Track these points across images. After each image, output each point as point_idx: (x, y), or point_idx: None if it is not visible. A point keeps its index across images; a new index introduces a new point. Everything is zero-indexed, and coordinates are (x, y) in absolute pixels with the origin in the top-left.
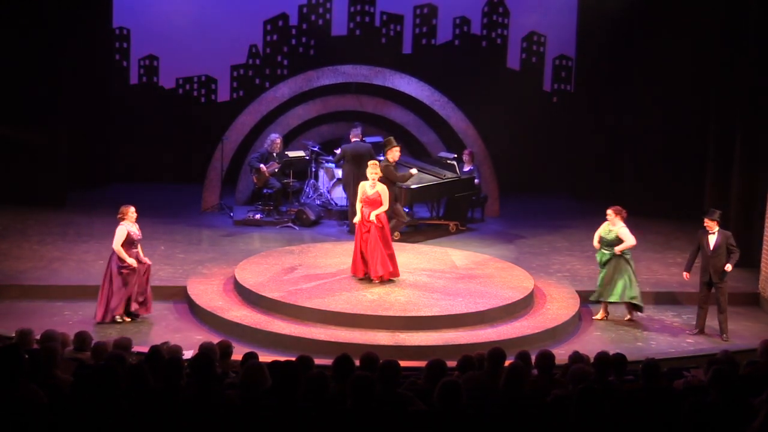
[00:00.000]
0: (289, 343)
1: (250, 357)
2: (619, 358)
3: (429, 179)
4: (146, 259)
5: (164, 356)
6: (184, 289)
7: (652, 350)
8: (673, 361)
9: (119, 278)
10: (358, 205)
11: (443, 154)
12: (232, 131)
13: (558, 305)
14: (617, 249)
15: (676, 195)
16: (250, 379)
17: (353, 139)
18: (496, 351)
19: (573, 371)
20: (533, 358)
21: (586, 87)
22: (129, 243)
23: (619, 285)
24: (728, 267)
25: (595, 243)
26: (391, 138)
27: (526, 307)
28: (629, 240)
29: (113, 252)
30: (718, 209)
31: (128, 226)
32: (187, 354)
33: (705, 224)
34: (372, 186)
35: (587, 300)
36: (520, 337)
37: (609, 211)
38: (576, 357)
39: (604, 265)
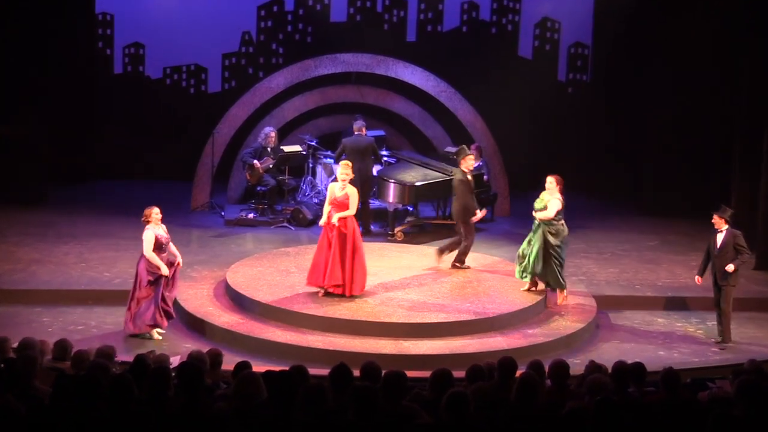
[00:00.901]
0: (284, 351)
1: (243, 366)
2: (639, 367)
3: (434, 176)
4: (179, 258)
5: (150, 366)
6: None
7: (675, 360)
8: (697, 372)
9: (149, 287)
10: (327, 208)
11: (450, 148)
12: (224, 124)
13: (573, 311)
14: (536, 215)
15: (701, 193)
16: (244, 390)
17: (356, 132)
18: (506, 360)
19: (589, 382)
20: (546, 367)
21: (604, 76)
22: (158, 247)
23: (531, 256)
24: (729, 267)
25: (533, 212)
26: (464, 146)
27: (539, 314)
28: (550, 210)
29: (141, 257)
30: (742, 207)
31: (155, 229)
32: (175, 363)
33: (713, 221)
34: (341, 188)
35: (605, 306)
36: (532, 345)
37: (550, 179)
38: (592, 367)
39: (533, 233)
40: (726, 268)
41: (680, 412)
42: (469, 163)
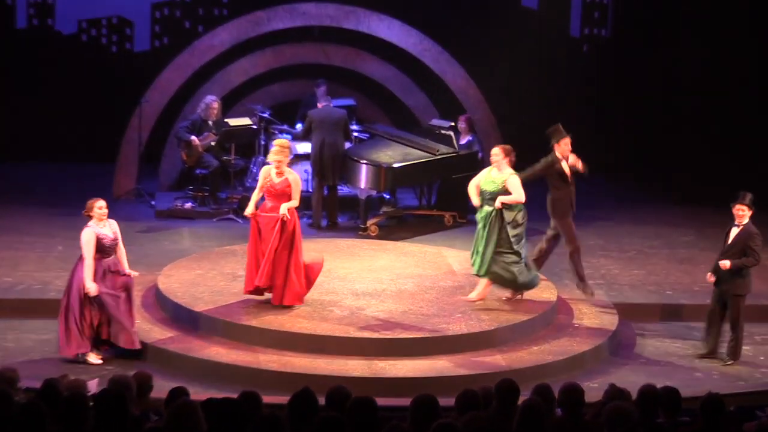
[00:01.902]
0: (230, 375)
1: (179, 393)
2: (671, 392)
3: (417, 155)
4: (129, 270)
5: (63, 393)
6: None
7: (716, 383)
8: (743, 397)
9: (81, 299)
10: (256, 195)
11: (436, 122)
12: (154, 92)
13: (589, 323)
14: (501, 200)
15: (746, 176)
16: (179, 422)
17: (321, 104)
18: (506, 384)
19: (609, 411)
20: (556, 393)
21: (627, 32)
22: (100, 250)
23: (487, 253)
24: (725, 263)
25: (474, 197)
26: (559, 125)
27: (546, 326)
28: (517, 191)
29: (79, 260)
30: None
31: (97, 227)
32: (93, 389)
33: (736, 211)
34: (279, 173)
35: (629, 316)
36: (538, 365)
37: (496, 151)
38: (613, 392)
39: (485, 226)
40: (721, 263)
41: None
42: (565, 147)
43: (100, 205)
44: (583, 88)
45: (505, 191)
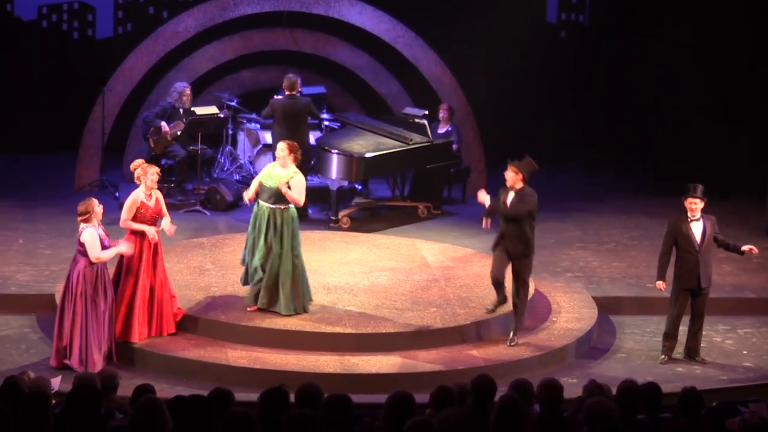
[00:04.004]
0: (197, 371)
1: (144, 390)
2: (652, 388)
3: (390, 145)
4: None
5: (25, 391)
6: (51, 297)
7: (697, 378)
8: (726, 393)
9: (97, 305)
10: (129, 224)
11: (409, 110)
12: (117, 80)
13: (568, 317)
14: (285, 190)
15: (728, 166)
16: (145, 420)
17: (287, 92)
18: (482, 380)
19: (588, 407)
20: (534, 389)
21: (606, 18)
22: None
23: (286, 283)
24: (749, 248)
25: (251, 191)
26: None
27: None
28: (300, 195)
29: (76, 262)
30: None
31: (96, 228)
32: (56, 387)
33: (689, 205)
34: (149, 195)
35: (608, 309)
36: (515, 360)
37: (282, 146)
38: (593, 388)
39: (265, 231)
40: (746, 248)
41: None
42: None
43: (97, 205)
44: (561, 75)
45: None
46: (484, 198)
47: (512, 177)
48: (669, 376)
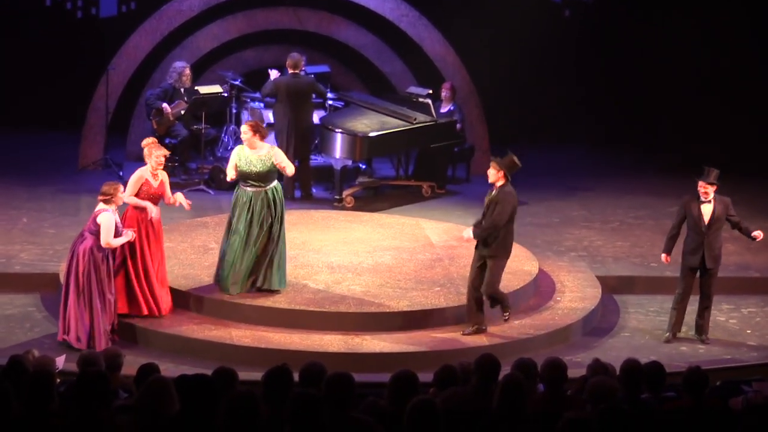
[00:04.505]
0: (202, 350)
1: (149, 370)
2: (655, 367)
3: (394, 124)
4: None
5: (29, 369)
6: (55, 277)
7: (701, 357)
8: (729, 372)
9: (101, 284)
10: (131, 199)
11: (413, 89)
12: (121, 58)
13: (572, 296)
14: (287, 173)
15: (735, 144)
16: (151, 400)
17: (291, 70)
18: (486, 359)
19: (592, 386)
20: (538, 368)
21: None
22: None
23: (279, 259)
24: (758, 233)
25: (231, 175)
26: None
27: (527, 299)
28: (289, 165)
29: (80, 243)
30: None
31: (113, 213)
32: (61, 365)
33: (699, 189)
34: (155, 175)
35: (612, 289)
36: (519, 340)
37: (244, 128)
38: (596, 367)
39: (260, 216)
40: (754, 234)
41: (707, 422)
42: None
43: (122, 191)
44: (565, 54)
45: (274, 167)
46: (468, 235)
47: (493, 174)
48: (673, 356)
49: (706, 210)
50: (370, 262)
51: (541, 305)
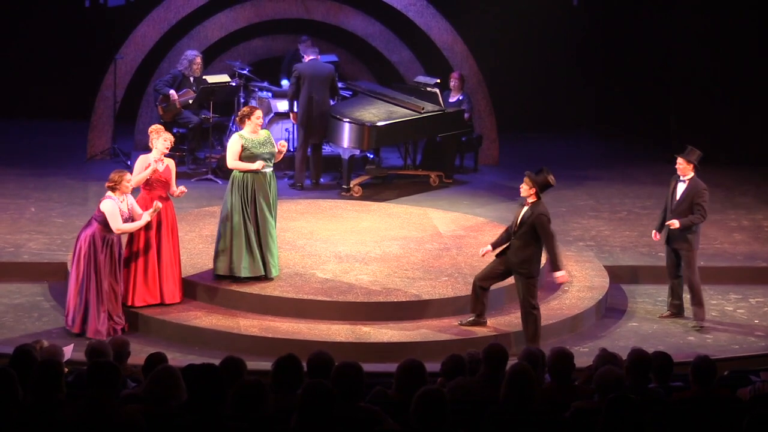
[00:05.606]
0: (210, 340)
1: (157, 359)
2: (663, 357)
3: (402, 114)
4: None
5: (37, 359)
6: (63, 266)
7: (709, 347)
8: (738, 362)
9: (100, 271)
10: (137, 177)
11: (421, 78)
12: (129, 47)
13: (579, 286)
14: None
15: (744, 135)
16: (159, 389)
17: (309, 57)
18: (494, 349)
19: (600, 376)
20: (546, 358)
21: None
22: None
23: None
24: (673, 222)
25: (234, 165)
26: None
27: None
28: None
29: (86, 231)
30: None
31: (117, 201)
32: (69, 355)
33: (677, 165)
34: (160, 160)
35: (620, 279)
36: None
37: (259, 113)
38: (604, 357)
39: (264, 199)
40: (668, 223)
41: (715, 412)
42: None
43: (128, 178)
44: (573, 43)
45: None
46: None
47: (526, 190)
48: (680, 345)
49: (679, 189)
50: (377, 252)
51: (548, 295)
